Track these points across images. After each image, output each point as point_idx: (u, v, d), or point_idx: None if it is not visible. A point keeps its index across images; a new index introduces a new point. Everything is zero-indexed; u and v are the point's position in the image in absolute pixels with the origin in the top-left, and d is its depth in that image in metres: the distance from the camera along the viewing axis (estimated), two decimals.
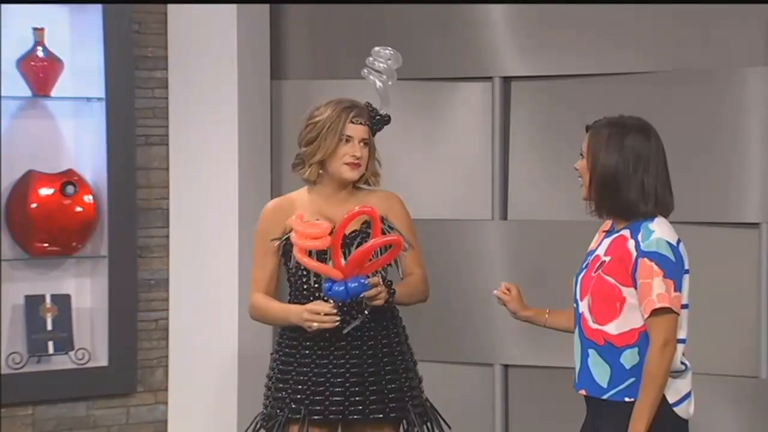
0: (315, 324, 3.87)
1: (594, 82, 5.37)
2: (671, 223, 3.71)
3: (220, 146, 5.72)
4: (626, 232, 3.59)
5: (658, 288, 3.49)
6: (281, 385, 4.03)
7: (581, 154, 3.66)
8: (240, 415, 5.71)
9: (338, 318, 3.87)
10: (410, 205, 5.70)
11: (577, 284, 3.66)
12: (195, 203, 5.77)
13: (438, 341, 5.65)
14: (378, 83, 4.04)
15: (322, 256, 3.91)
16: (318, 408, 3.97)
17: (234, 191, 5.71)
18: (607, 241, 3.63)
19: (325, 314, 3.86)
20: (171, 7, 5.74)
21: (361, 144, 3.99)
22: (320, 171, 4.00)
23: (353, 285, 3.82)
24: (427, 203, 5.66)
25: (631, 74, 5.31)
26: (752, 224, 5.12)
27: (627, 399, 3.54)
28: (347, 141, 3.95)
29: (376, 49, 4.08)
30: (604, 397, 3.58)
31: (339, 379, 3.97)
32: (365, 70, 4.07)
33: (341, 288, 3.82)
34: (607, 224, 3.74)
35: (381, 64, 4.06)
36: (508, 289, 3.92)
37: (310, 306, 3.91)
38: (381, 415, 3.99)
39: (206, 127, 5.74)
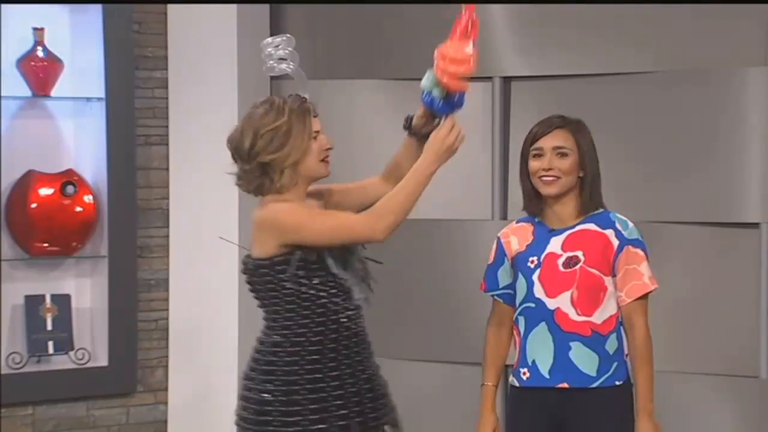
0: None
1: (594, 82, 5.37)
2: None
3: (220, 146, 5.69)
4: (590, 225, 3.71)
5: (647, 271, 3.67)
6: (339, 402, 3.62)
7: (563, 153, 3.75)
8: None
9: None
10: None
11: (534, 284, 3.73)
12: (195, 203, 5.78)
13: (438, 341, 5.64)
14: (289, 69, 3.79)
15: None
16: (380, 412, 3.71)
17: (234, 191, 5.67)
18: (559, 238, 3.73)
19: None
20: (171, 7, 5.74)
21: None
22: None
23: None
24: (427, 203, 5.64)
25: (631, 74, 5.31)
26: (752, 224, 5.12)
27: (618, 383, 3.67)
28: (315, 137, 3.67)
29: (267, 40, 3.79)
30: (595, 385, 3.67)
31: (376, 382, 3.74)
32: (269, 64, 3.79)
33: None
34: (530, 225, 3.83)
35: (279, 52, 3.79)
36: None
37: (452, 127, 3.58)
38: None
39: (206, 127, 5.74)
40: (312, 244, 3.58)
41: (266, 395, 3.60)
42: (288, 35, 3.79)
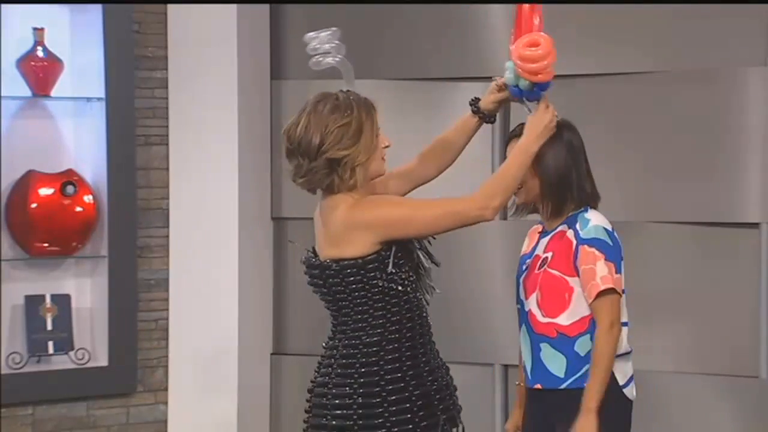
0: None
1: (594, 82, 5.37)
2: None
3: (220, 146, 5.72)
4: (563, 227, 3.72)
5: (601, 271, 3.62)
6: (438, 396, 3.61)
7: None
8: (240, 415, 5.71)
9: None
10: None
11: (520, 286, 3.78)
12: (195, 203, 5.78)
13: (438, 341, 5.62)
14: (335, 62, 3.70)
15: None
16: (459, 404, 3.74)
17: (234, 191, 5.71)
18: (544, 241, 3.76)
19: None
20: (171, 7, 5.74)
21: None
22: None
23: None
24: None
25: (631, 74, 5.31)
26: (752, 224, 5.13)
27: (586, 385, 3.64)
28: (378, 134, 3.59)
29: (311, 34, 3.71)
30: (562, 387, 3.68)
31: (450, 374, 3.76)
32: (315, 59, 3.70)
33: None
34: (539, 227, 3.86)
35: (326, 45, 3.70)
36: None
37: (546, 107, 3.66)
38: None
39: (206, 127, 5.74)
40: (418, 236, 3.54)
41: (376, 399, 3.51)
42: (334, 28, 3.70)
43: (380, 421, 3.49)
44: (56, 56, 5.52)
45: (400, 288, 3.54)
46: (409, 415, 3.50)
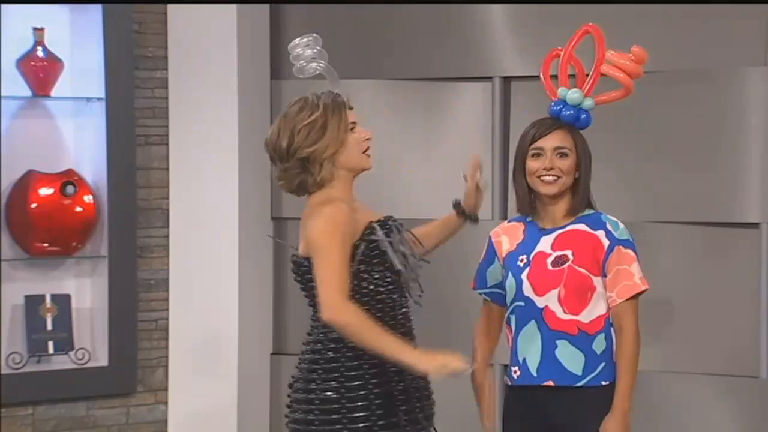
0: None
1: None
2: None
3: (220, 146, 5.72)
4: (581, 226, 3.73)
5: (638, 272, 3.68)
6: (403, 397, 3.65)
7: (563, 153, 3.76)
8: (240, 415, 5.72)
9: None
10: (410, 205, 5.73)
11: (523, 282, 3.74)
12: (195, 203, 5.78)
13: (438, 341, 5.62)
14: (320, 68, 3.83)
15: None
16: (432, 410, 3.78)
17: (234, 191, 5.72)
18: (549, 237, 3.75)
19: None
20: (171, 7, 5.74)
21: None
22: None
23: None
24: (427, 203, 5.66)
25: None
26: (752, 224, 5.13)
27: (604, 382, 3.68)
28: (352, 129, 3.66)
29: (295, 41, 3.82)
30: (580, 384, 3.69)
31: (427, 379, 3.77)
32: (299, 65, 3.82)
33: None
34: (519, 224, 3.84)
35: (308, 52, 3.83)
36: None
37: (446, 361, 3.63)
38: None
39: (206, 127, 5.74)
40: (314, 270, 3.54)
41: (330, 393, 3.58)
42: (314, 34, 3.81)
43: (337, 416, 3.55)
44: (56, 56, 5.52)
45: (371, 287, 3.59)
46: (366, 413, 3.55)
